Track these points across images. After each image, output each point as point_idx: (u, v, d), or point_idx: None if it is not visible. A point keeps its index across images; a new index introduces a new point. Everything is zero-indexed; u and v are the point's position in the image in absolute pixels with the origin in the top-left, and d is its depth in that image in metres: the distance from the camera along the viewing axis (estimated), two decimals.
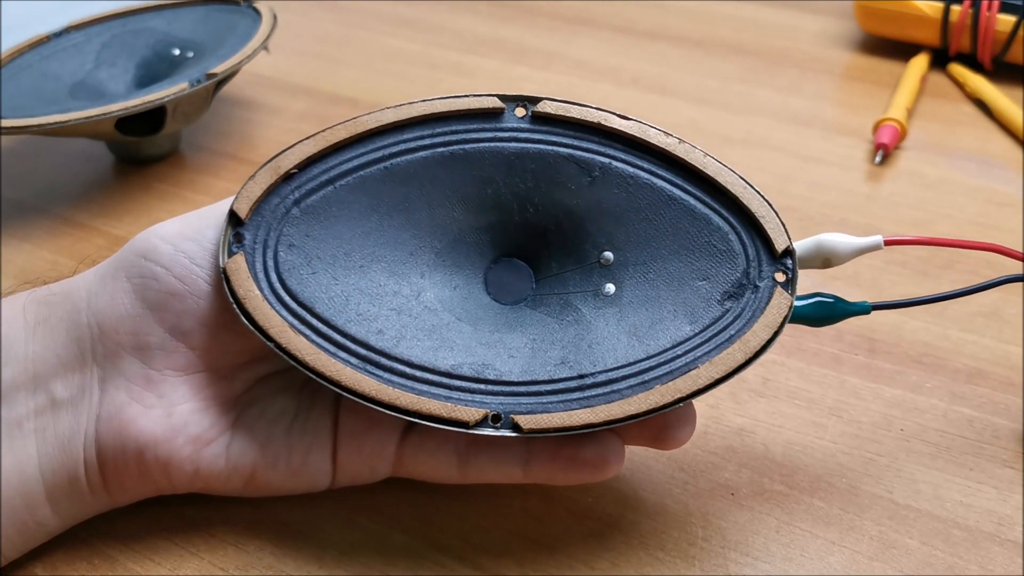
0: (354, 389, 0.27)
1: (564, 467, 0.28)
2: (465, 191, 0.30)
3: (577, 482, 0.28)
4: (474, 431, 0.27)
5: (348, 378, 0.27)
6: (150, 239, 0.29)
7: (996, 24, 0.53)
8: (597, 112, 0.30)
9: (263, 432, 0.29)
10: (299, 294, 0.28)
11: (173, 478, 0.29)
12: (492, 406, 0.27)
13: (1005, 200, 0.45)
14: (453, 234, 0.31)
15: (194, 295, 0.28)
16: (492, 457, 0.29)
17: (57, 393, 0.28)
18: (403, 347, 0.28)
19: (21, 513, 0.28)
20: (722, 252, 0.29)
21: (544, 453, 0.28)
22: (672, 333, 0.28)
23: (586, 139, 0.30)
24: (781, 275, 0.28)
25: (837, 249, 0.29)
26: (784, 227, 0.29)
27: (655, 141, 0.30)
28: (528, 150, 0.30)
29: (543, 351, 0.28)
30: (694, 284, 0.29)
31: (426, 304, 0.29)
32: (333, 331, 0.28)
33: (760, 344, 0.27)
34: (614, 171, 0.30)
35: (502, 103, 0.31)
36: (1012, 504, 0.31)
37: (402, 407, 0.27)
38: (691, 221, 0.29)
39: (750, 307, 0.28)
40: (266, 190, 0.29)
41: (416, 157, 0.30)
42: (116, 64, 0.51)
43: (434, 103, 0.30)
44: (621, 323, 0.29)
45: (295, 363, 0.27)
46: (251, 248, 0.29)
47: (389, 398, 0.27)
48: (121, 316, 0.28)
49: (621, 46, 0.62)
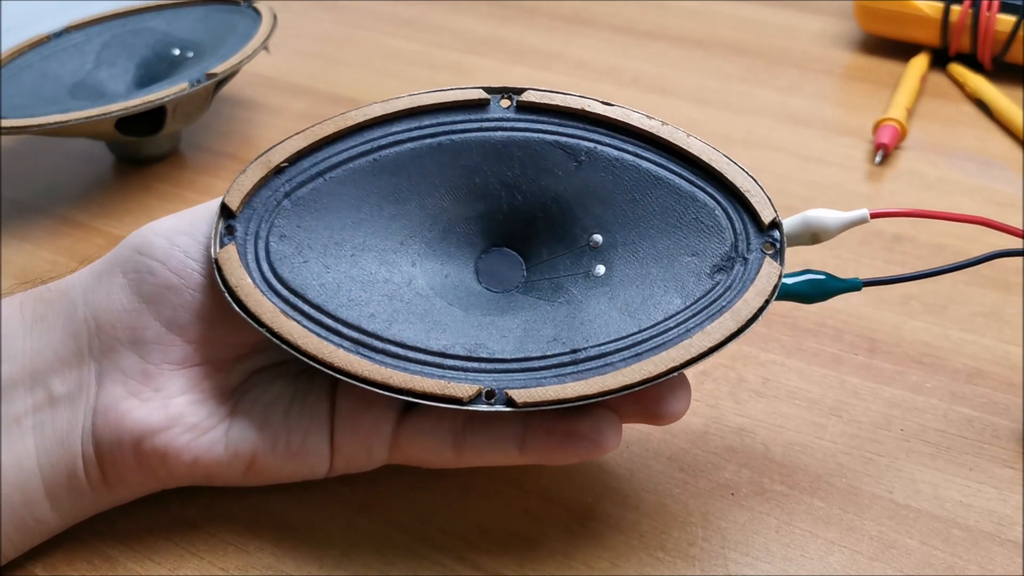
0: (347, 370, 0.27)
1: (560, 443, 0.28)
2: (454, 181, 0.31)
3: (575, 459, 0.28)
4: (468, 407, 0.27)
5: (341, 360, 0.27)
6: (145, 235, 0.29)
7: (996, 24, 0.53)
8: (580, 99, 0.31)
9: (260, 416, 0.29)
10: (291, 282, 0.28)
11: (172, 468, 0.29)
12: (486, 383, 0.27)
13: (1005, 200, 0.45)
14: (443, 224, 0.31)
15: (190, 288, 0.29)
16: (488, 437, 0.28)
17: (55, 389, 0.28)
18: (395, 329, 0.28)
19: (20, 510, 0.28)
20: (709, 228, 0.29)
21: (540, 430, 0.28)
22: (663, 308, 0.28)
23: (571, 126, 0.31)
24: (769, 246, 0.28)
25: (825, 223, 0.29)
26: (770, 200, 0.29)
27: (638, 124, 0.30)
28: (514, 138, 0.31)
29: (535, 330, 0.29)
30: (683, 260, 0.29)
31: (418, 291, 0.30)
32: (325, 316, 0.28)
33: (752, 312, 0.27)
34: (600, 155, 0.30)
35: (487, 94, 0.31)
36: (1012, 504, 0.31)
37: (395, 386, 0.27)
38: (677, 199, 0.30)
39: (740, 279, 0.28)
40: (257, 183, 0.30)
41: (404, 149, 0.31)
42: (116, 64, 0.51)
43: (420, 96, 0.31)
44: (613, 301, 0.29)
45: (288, 347, 0.27)
46: (242, 239, 0.29)
47: (382, 377, 0.27)
48: (117, 311, 0.28)
49: (621, 46, 0.62)
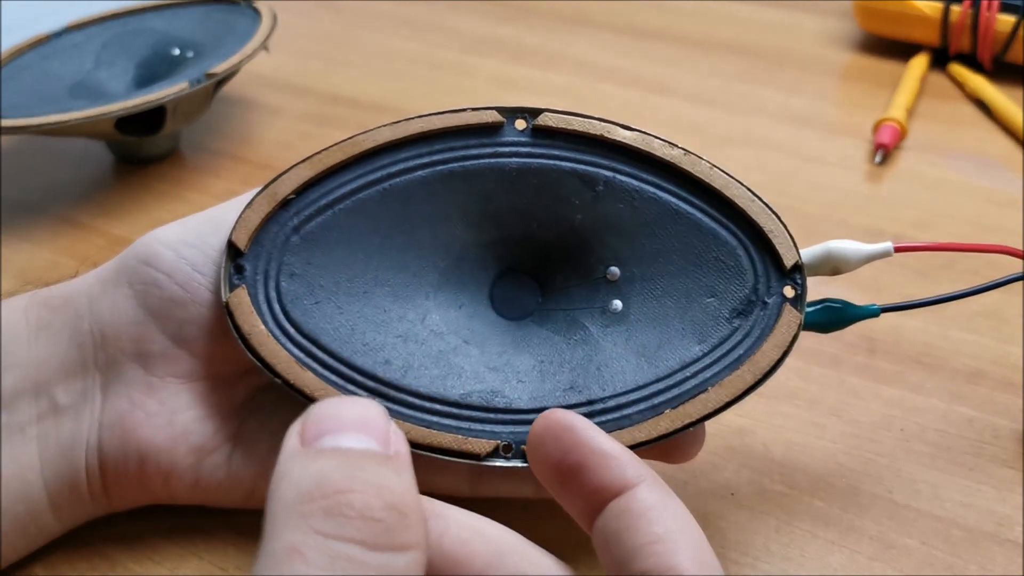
0: None
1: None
2: (467, 209, 0.30)
3: None
4: (485, 463, 0.27)
5: None
6: (152, 244, 0.29)
7: (996, 24, 0.53)
8: (600, 124, 0.29)
9: (265, 444, 0.29)
10: (303, 325, 0.28)
11: (173, 488, 0.29)
12: (503, 436, 0.27)
13: (1005, 200, 0.45)
14: (456, 252, 0.30)
15: (196, 302, 0.28)
16: (505, 476, 0.29)
17: (59, 399, 0.28)
18: (411, 377, 0.28)
19: (23, 518, 0.28)
20: (730, 268, 0.28)
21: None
22: (681, 353, 0.28)
23: (588, 152, 0.29)
24: (790, 290, 0.28)
25: (847, 257, 0.29)
26: (793, 241, 0.28)
27: (659, 153, 0.29)
28: (530, 165, 0.29)
29: (552, 374, 0.28)
30: (702, 301, 0.28)
31: (432, 328, 0.29)
32: (340, 363, 0.28)
33: (770, 364, 0.27)
34: (618, 185, 0.29)
35: (501, 117, 0.30)
36: (1012, 504, 0.31)
37: (412, 441, 0.27)
38: (698, 236, 0.29)
39: (759, 324, 0.27)
40: (264, 218, 0.29)
41: (415, 177, 0.29)
42: (116, 64, 0.51)
43: (431, 119, 0.30)
44: (629, 343, 0.28)
45: (304, 399, 0.27)
46: (252, 280, 0.28)
47: None
48: (123, 323, 0.28)
49: (621, 46, 0.62)
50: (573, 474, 0.22)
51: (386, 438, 0.19)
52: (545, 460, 0.22)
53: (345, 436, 0.19)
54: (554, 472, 0.22)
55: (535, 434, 0.23)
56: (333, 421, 0.19)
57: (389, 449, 0.19)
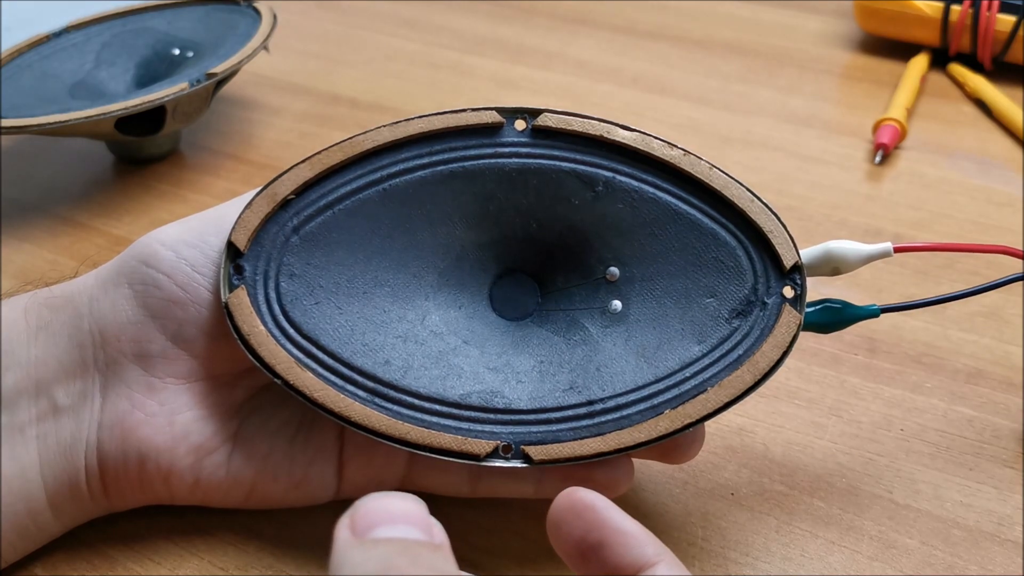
0: (363, 424, 0.27)
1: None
2: (466, 209, 0.30)
3: None
4: (485, 463, 0.27)
5: (357, 414, 0.27)
6: (151, 244, 0.29)
7: (996, 24, 0.53)
8: (599, 124, 0.29)
9: (265, 444, 0.29)
10: (303, 326, 0.28)
11: (173, 488, 0.29)
12: (502, 436, 0.27)
13: (1005, 200, 0.45)
14: (456, 252, 0.30)
15: (196, 303, 0.28)
16: (504, 476, 0.29)
17: (59, 399, 0.28)
18: (411, 377, 0.28)
19: (23, 518, 0.28)
20: (730, 268, 0.28)
21: (556, 474, 0.29)
22: (680, 354, 0.28)
23: (588, 152, 0.29)
24: (790, 290, 0.28)
25: (846, 257, 0.29)
26: (793, 242, 0.28)
27: (659, 154, 0.29)
28: (529, 166, 0.30)
29: (551, 375, 0.28)
30: (701, 301, 0.28)
31: (432, 328, 0.29)
32: (340, 364, 0.28)
33: (769, 365, 0.27)
34: (618, 185, 0.29)
35: (501, 117, 0.30)
36: (1012, 504, 0.31)
37: (412, 441, 0.27)
38: (697, 236, 0.29)
39: (758, 325, 0.28)
40: (264, 218, 0.29)
41: (415, 177, 0.29)
42: (116, 64, 0.51)
43: (431, 119, 0.30)
44: (629, 343, 0.28)
45: (304, 399, 0.27)
46: (252, 280, 0.28)
47: (399, 433, 0.27)
48: (123, 323, 0.28)
49: (621, 46, 0.61)
50: (594, 551, 0.22)
51: (430, 529, 0.20)
52: (568, 537, 0.23)
53: (396, 527, 0.19)
54: (575, 548, 0.23)
55: (557, 510, 0.23)
56: (382, 514, 0.20)
57: (435, 539, 0.20)
